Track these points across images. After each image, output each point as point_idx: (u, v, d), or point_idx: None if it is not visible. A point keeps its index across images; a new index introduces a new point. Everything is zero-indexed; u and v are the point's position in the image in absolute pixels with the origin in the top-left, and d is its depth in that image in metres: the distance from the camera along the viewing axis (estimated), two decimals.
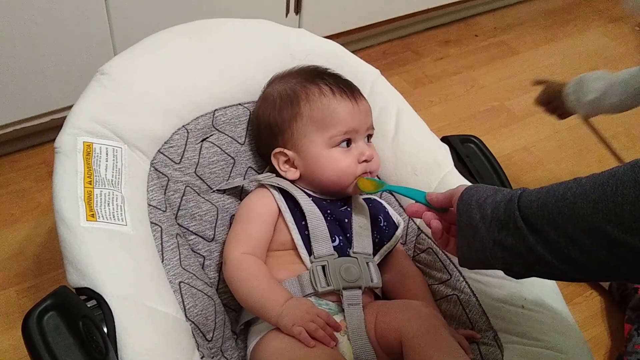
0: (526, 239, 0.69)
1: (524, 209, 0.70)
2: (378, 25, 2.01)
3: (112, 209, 0.85)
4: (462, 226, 0.78)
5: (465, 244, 0.78)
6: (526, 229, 0.69)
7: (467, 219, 0.76)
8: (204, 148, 1.05)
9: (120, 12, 1.43)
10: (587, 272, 0.67)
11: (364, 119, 1.01)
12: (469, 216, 0.76)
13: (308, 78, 1.03)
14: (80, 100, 0.95)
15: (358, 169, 0.99)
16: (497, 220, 0.72)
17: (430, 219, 0.85)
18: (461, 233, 0.78)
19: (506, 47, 2.22)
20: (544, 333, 0.89)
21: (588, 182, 0.66)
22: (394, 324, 0.89)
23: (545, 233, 0.67)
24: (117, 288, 0.76)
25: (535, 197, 0.70)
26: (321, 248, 0.95)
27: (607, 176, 0.64)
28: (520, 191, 0.73)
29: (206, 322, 0.89)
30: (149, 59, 1.03)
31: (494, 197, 0.74)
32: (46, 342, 0.69)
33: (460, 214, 0.78)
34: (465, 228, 0.77)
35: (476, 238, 0.75)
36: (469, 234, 0.76)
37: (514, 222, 0.70)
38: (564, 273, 0.69)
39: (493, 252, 0.73)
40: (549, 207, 0.67)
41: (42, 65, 1.41)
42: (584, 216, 0.64)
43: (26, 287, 1.30)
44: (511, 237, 0.71)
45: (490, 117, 1.90)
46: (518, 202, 0.71)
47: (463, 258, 0.80)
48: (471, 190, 0.78)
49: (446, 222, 0.85)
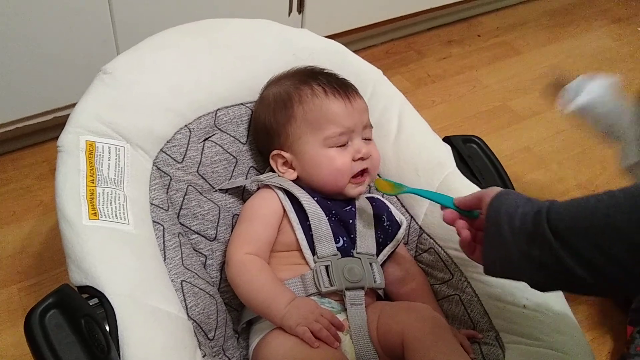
0: (555, 252, 0.68)
1: (553, 222, 0.69)
2: (381, 24, 2.01)
3: (114, 208, 0.85)
4: (490, 235, 0.77)
5: (491, 253, 0.77)
6: (555, 242, 0.68)
7: (495, 229, 0.75)
8: (207, 147, 1.05)
9: (124, 11, 1.44)
10: (618, 284, 0.66)
11: (359, 118, 1.01)
12: (497, 226, 0.75)
13: (302, 79, 1.03)
14: (83, 99, 0.95)
15: (354, 167, 0.99)
16: (525, 232, 0.71)
17: (462, 227, 0.84)
18: (488, 242, 0.77)
19: (509, 47, 2.21)
20: (545, 333, 0.89)
21: (621, 194, 0.65)
22: (396, 325, 0.89)
23: (576, 246, 0.66)
24: (119, 286, 0.76)
25: (565, 209, 0.69)
26: (324, 248, 0.95)
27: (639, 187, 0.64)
28: (548, 203, 0.72)
29: (208, 321, 0.89)
30: (152, 58, 1.04)
31: (523, 208, 0.73)
32: (48, 340, 0.69)
33: (489, 222, 0.76)
34: (492, 237, 0.76)
35: (504, 248, 0.74)
36: (496, 244, 0.75)
37: (542, 235, 0.69)
38: (593, 286, 0.68)
39: (520, 264, 0.72)
40: (580, 219, 0.67)
41: (45, 63, 1.41)
42: (619, 227, 0.63)
43: (28, 285, 1.30)
44: (539, 250, 0.70)
45: (492, 117, 1.89)
46: (547, 215, 0.70)
47: (489, 267, 0.79)
48: (501, 198, 0.77)
49: (474, 228, 0.84)
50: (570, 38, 2.30)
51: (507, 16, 2.38)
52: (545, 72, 2.09)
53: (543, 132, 1.85)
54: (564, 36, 2.31)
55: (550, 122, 1.89)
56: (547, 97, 1.31)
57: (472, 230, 0.84)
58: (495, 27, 2.31)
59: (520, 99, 1.98)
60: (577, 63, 2.16)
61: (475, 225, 0.84)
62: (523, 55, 2.18)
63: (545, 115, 1.92)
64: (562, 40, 2.28)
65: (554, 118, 1.90)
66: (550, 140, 1.83)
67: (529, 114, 1.91)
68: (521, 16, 2.39)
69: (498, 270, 0.78)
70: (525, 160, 1.75)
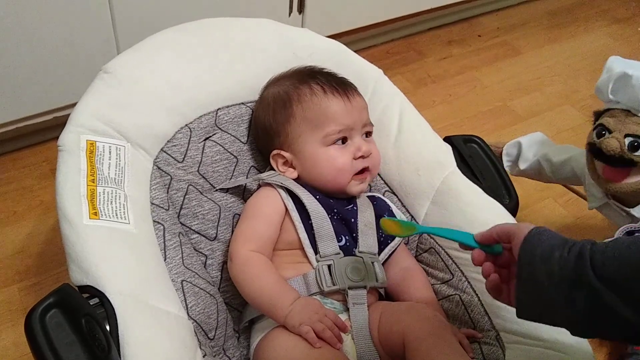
0: (602, 299, 0.65)
1: (599, 268, 0.66)
2: (381, 24, 2.01)
3: (115, 207, 0.85)
4: (524, 278, 0.72)
5: (526, 298, 0.73)
6: (603, 289, 0.65)
7: (529, 273, 0.71)
8: (207, 147, 1.05)
9: (124, 11, 1.44)
10: None
11: (358, 116, 1.01)
12: (532, 270, 0.71)
13: (301, 79, 1.03)
14: (84, 99, 0.95)
15: (355, 165, 0.99)
16: (567, 279, 0.68)
17: (489, 271, 0.78)
18: (522, 286, 0.73)
19: (509, 47, 2.21)
20: (545, 333, 0.89)
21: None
22: (398, 325, 0.89)
23: (630, 291, 0.64)
24: (120, 286, 0.76)
25: (611, 254, 0.66)
26: (327, 247, 0.95)
27: None
28: (589, 245, 0.68)
29: (208, 321, 0.89)
30: (153, 57, 1.04)
31: (561, 251, 0.69)
32: (49, 340, 0.69)
33: (522, 266, 0.72)
34: (527, 281, 0.72)
35: (541, 294, 0.70)
36: (531, 288, 0.72)
37: (587, 282, 0.66)
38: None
39: (562, 311, 0.69)
40: (632, 264, 0.64)
41: (45, 63, 1.41)
42: None
43: (29, 285, 1.30)
44: (584, 297, 0.67)
45: (493, 118, 1.89)
46: (591, 261, 0.67)
47: (523, 311, 0.74)
48: (534, 239, 0.72)
49: (497, 266, 0.79)
50: (571, 38, 2.30)
51: (508, 16, 2.38)
52: (544, 74, 2.10)
53: (543, 133, 1.85)
54: (565, 36, 2.31)
55: (551, 122, 1.89)
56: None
57: (495, 269, 0.78)
58: (496, 27, 2.31)
59: (521, 99, 1.98)
60: (577, 63, 2.16)
61: (498, 262, 0.79)
62: (523, 56, 2.18)
63: (545, 116, 1.92)
64: (562, 41, 2.28)
65: (554, 118, 1.90)
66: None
67: (529, 114, 1.91)
68: (522, 16, 2.39)
69: (534, 316, 0.74)
70: None
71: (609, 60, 1.16)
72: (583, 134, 1.69)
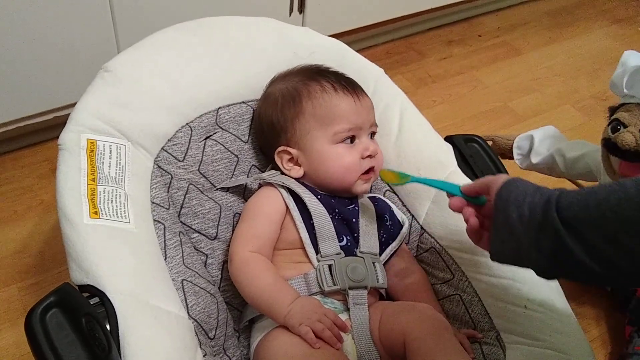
0: (564, 242, 0.68)
1: (563, 211, 0.69)
2: (381, 24, 2.01)
3: (115, 207, 0.85)
4: (498, 223, 0.77)
5: (499, 241, 0.78)
6: (564, 232, 0.68)
7: (503, 217, 0.75)
8: (208, 146, 1.05)
9: (124, 9, 1.43)
10: (628, 275, 0.67)
11: (367, 116, 1.01)
12: (506, 214, 0.75)
13: (309, 76, 1.03)
14: (84, 98, 0.95)
15: (362, 164, 0.99)
16: (535, 222, 0.71)
17: (470, 215, 0.83)
18: (496, 230, 0.78)
19: (510, 47, 2.21)
20: (546, 333, 0.89)
21: (632, 185, 0.65)
22: (398, 325, 0.89)
23: (586, 236, 0.67)
24: (120, 285, 0.76)
25: (575, 198, 0.69)
26: (328, 247, 0.95)
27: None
28: (558, 192, 0.72)
29: (208, 320, 0.89)
30: (153, 56, 1.04)
31: (533, 196, 0.73)
32: (49, 339, 0.69)
33: (498, 210, 0.77)
34: (501, 225, 0.76)
35: (512, 237, 0.74)
36: (504, 232, 0.76)
37: (551, 224, 0.69)
38: (600, 276, 0.69)
39: (528, 253, 0.73)
40: (591, 209, 0.67)
41: (45, 62, 1.41)
42: (629, 218, 0.64)
43: (29, 284, 1.30)
44: (548, 239, 0.70)
45: (493, 118, 1.89)
46: (557, 204, 0.70)
47: (495, 254, 0.80)
48: (510, 186, 0.77)
49: (481, 215, 0.84)
50: (571, 38, 2.30)
51: (508, 16, 2.38)
52: (544, 74, 2.10)
53: None
54: (565, 36, 2.31)
55: (551, 122, 1.88)
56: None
57: (479, 217, 0.83)
58: (496, 27, 2.31)
59: (521, 99, 1.98)
60: (577, 63, 2.16)
61: (482, 212, 0.84)
62: (524, 56, 2.18)
63: (545, 116, 1.92)
64: (563, 41, 2.28)
65: (555, 119, 1.90)
66: None
67: (529, 114, 1.91)
68: (522, 16, 2.39)
69: (506, 259, 0.79)
70: None
71: (624, 55, 1.16)
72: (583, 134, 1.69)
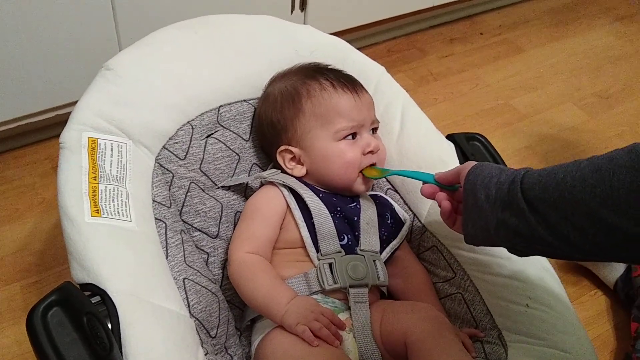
0: (528, 220, 0.71)
1: (526, 191, 0.72)
2: (383, 22, 2.01)
3: (116, 205, 0.85)
4: (468, 205, 0.79)
5: (470, 223, 0.80)
6: (528, 210, 0.71)
7: (472, 199, 0.78)
8: (209, 144, 1.04)
9: (126, 7, 1.43)
10: (586, 253, 0.69)
11: (367, 112, 1.01)
12: (474, 196, 0.78)
13: (308, 74, 1.03)
14: (85, 96, 0.95)
15: (364, 160, 0.99)
16: (501, 200, 0.74)
17: (442, 199, 0.87)
18: (467, 212, 0.80)
19: (511, 45, 2.21)
20: (548, 332, 0.89)
21: (587, 167, 0.67)
22: (400, 325, 0.89)
23: (546, 215, 0.69)
24: (121, 284, 0.76)
25: (537, 179, 0.71)
26: (328, 245, 0.95)
27: (605, 160, 0.66)
28: (523, 172, 0.74)
29: (210, 319, 0.89)
30: (154, 54, 1.03)
31: (499, 177, 0.76)
32: (50, 338, 0.69)
33: (467, 193, 0.79)
34: (471, 207, 0.79)
35: (481, 217, 0.77)
36: (474, 213, 0.78)
37: (516, 203, 0.72)
38: (563, 253, 0.71)
39: (497, 231, 0.75)
40: (550, 190, 0.69)
41: (47, 60, 1.41)
42: (583, 200, 0.65)
43: (31, 283, 1.30)
44: (514, 217, 0.72)
45: (495, 116, 1.89)
46: (521, 184, 0.72)
47: (468, 235, 0.82)
48: (477, 170, 0.80)
49: (455, 200, 0.87)
50: (574, 36, 2.29)
51: (510, 14, 2.37)
52: (546, 72, 2.09)
53: (545, 131, 1.85)
54: (567, 34, 2.30)
55: (552, 120, 1.88)
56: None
57: (453, 203, 0.87)
58: (498, 25, 2.31)
59: (523, 97, 1.97)
60: (579, 61, 2.16)
61: (456, 197, 0.87)
62: (526, 54, 2.18)
63: (547, 114, 1.91)
64: (565, 39, 2.28)
65: (556, 117, 1.90)
66: (552, 139, 1.83)
67: (531, 112, 1.91)
68: (524, 14, 2.38)
69: (477, 240, 0.81)
70: (527, 158, 1.75)
71: None
72: (584, 133, 1.69)
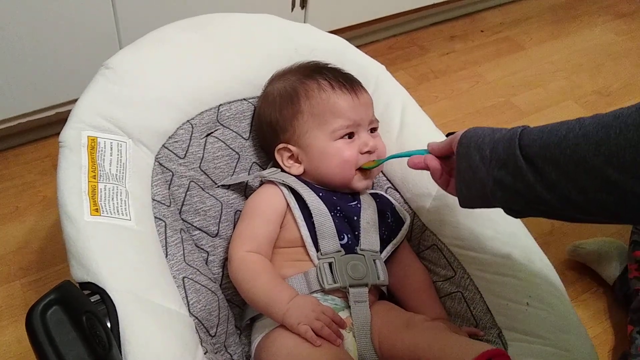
0: (526, 178, 0.69)
1: (525, 148, 0.70)
2: (384, 20, 2.00)
3: (116, 204, 0.85)
4: (461, 169, 0.78)
5: (464, 186, 0.78)
6: (526, 168, 0.69)
7: (466, 162, 0.76)
8: (209, 143, 1.04)
9: (126, 6, 1.43)
10: (586, 212, 0.67)
11: (365, 112, 1.01)
12: (468, 159, 0.76)
13: (307, 74, 1.03)
14: (85, 95, 0.95)
15: (360, 159, 0.99)
16: (497, 159, 0.72)
17: (430, 160, 0.86)
18: (460, 176, 0.79)
19: (512, 42, 2.21)
20: (548, 331, 0.89)
21: (592, 124, 0.65)
22: (402, 344, 0.87)
23: (546, 173, 0.67)
24: (121, 283, 0.76)
25: (537, 136, 0.69)
26: (328, 245, 0.95)
27: (611, 118, 0.63)
28: (521, 129, 0.72)
29: (210, 318, 0.89)
30: (154, 53, 1.03)
31: (492, 136, 0.74)
32: (50, 337, 0.69)
33: (460, 157, 0.78)
34: (464, 170, 0.77)
35: (475, 179, 0.75)
36: (468, 176, 0.77)
37: (514, 160, 0.70)
38: (562, 212, 0.70)
39: (493, 191, 0.73)
40: (551, 147, 0.67)
41: (47, 58, 1.41)
42: (586, 158, 0.63)
43: (31, 281, 1.30)
44: (511, 175, 0.71)
45: (495, 113, 1.89)
46: (519, 141, 0.70)
47: (463, 200, 0.81)
48: (469, 133, 0.78)
49: (448, 167, 0.86)
50: (574, 33, 2.29)
51: (511, 11, 2.37)
52: (547, 69, 2.09)
53: None
54: (568, 31, 2.30)
55: (553, 118, 1.88)
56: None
57: (446, 168, 0.86)
58: (499, 23, 2.30)
59: (524, 94, 1.97)
60: (580, 59, 2.15)
61: (449, 164, 0.86)
62: (526, 51, 2.18)
63: (548, 111, 1.91)
64: (565, 36, 2.27)
65: (557, 114, 1.89)
66: None
67: (532, 109, 1.91)
68: (524, 11, 2.38)
69: (472, 202, 0.80)
70: None
71: None
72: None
